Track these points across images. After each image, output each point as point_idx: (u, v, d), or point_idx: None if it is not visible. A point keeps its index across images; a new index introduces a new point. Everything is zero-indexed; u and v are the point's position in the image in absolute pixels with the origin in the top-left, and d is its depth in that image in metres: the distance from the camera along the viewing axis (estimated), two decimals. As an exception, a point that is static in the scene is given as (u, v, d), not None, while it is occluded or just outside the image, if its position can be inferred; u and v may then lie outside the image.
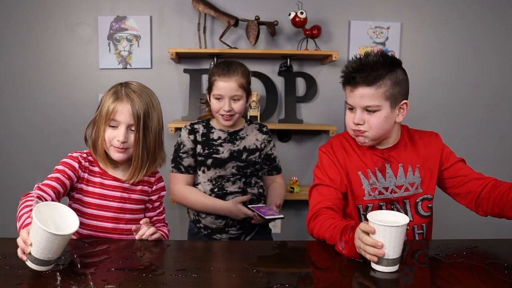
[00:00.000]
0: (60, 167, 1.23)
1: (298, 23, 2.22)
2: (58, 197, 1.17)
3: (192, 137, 1.74)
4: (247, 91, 1.74)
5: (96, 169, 1.27)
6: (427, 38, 2.40)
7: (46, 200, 1.11)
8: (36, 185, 1.15)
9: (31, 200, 1.06)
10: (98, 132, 1.23)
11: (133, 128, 1.23)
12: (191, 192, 1.73)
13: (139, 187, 1.30)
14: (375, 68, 1.20)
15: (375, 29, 2.37)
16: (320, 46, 2.31)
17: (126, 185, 1.28)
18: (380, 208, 1.27)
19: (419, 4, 2.39)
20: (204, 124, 1.78)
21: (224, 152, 1.71)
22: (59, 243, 0.88)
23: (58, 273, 0.90)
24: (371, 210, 1.26)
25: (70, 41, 2.33)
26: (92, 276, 0.90)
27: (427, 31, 2.40)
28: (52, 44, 2.33)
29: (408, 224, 1.25)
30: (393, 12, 2.39)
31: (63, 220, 0.95)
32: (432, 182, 1.30)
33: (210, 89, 1.73)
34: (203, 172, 1.73)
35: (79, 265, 0.96)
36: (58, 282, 0.87)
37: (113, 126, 1.22)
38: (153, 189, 1.35)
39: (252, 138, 1.78)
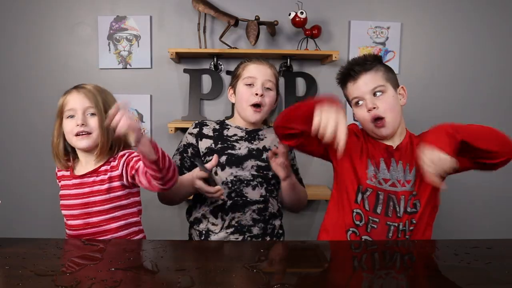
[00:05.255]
0: None
1: (298, 23, 2.22)
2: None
3: (196, 130, 1.52)
4: (277, 87, 1.55)
5: (67, 173, 1.32)
6: (427, 38, 2.40)
7: None
8: None
9: None
10: (55, 133, 1.29)
11: (91, 111, 1.26)
12: None
13: (100, 177, 1.27)
14: (366, 60, 1.34)
15: (375, 29, 2.37)
16: (320, 46, 2.31)
17: (85, 179, 1.27)
18: (377, 197, 1.32)
19: (419, 4, 2.39)
20: (218, 122, 1.57)
21: (242, 148, 1.48)
22: None
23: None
24: (368, 195, 1.32)
25: (70, 41, 2.32)
26: (92, 276, 0.90)
27: (427, 31, 2.40)
28: (52, 44, 2.33)
29: (395, 221, 1.29)
30: (393, 12, 2.39)
31: None
32: (424, 182, 1.31)
33: (236, 79, 1.52)
34: (215, 174, 1.45)
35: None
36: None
37: (70, 117, 1.26)
38: (120, 164, 1.27)
39: (273, 140, 1.55)
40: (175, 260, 1.09)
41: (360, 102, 1.34)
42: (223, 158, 1.45)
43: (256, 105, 1.48)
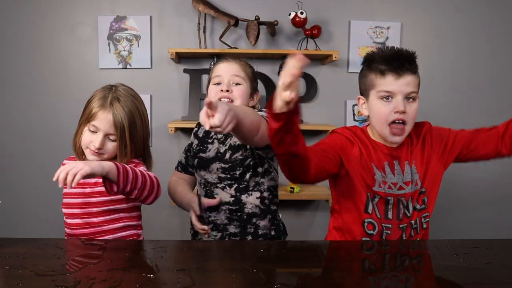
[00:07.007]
0: None
1: (298, 23, 2.22)
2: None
3: (195, 129, 1.58)
4: (252, 82, 1.50)
5: None
6: (427, 38, 2.40)
7: None
8: None
9: None
10: (79, 129, 1.28)
11: (111, 137, 1.25)
12: (171, 180, 1.59)
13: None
14: (413, 60, 1.28)
15: (375, 29, 2.37)
16: (320, 46, 2.31)
17: (88, 179, 1.24)
18: (387, 202, 1.28)
19: (419, 4, 2.39)
20: None
21: (211, 151, 1.47)
22: None
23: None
24: (378, 201, 1.28)
25: (70, 41, 2.33)
26: (92, 276, 0.90)
27: (427, 31, 2.40)
28: (52, 44, 2.33)
29: (406, 222, 1.28)
30: (393, 12, 2.39)
31: None
32: (427, 175, 1.31)
33: (208, 84, 1.54)
34: (196, 173, 1.52)
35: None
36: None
37: (92, 131, 1.25)
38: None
39: None
40: (175, 260, 1.08)
41: (389, 99, 1.25)
42: (196, 161, 1.49)
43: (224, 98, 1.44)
